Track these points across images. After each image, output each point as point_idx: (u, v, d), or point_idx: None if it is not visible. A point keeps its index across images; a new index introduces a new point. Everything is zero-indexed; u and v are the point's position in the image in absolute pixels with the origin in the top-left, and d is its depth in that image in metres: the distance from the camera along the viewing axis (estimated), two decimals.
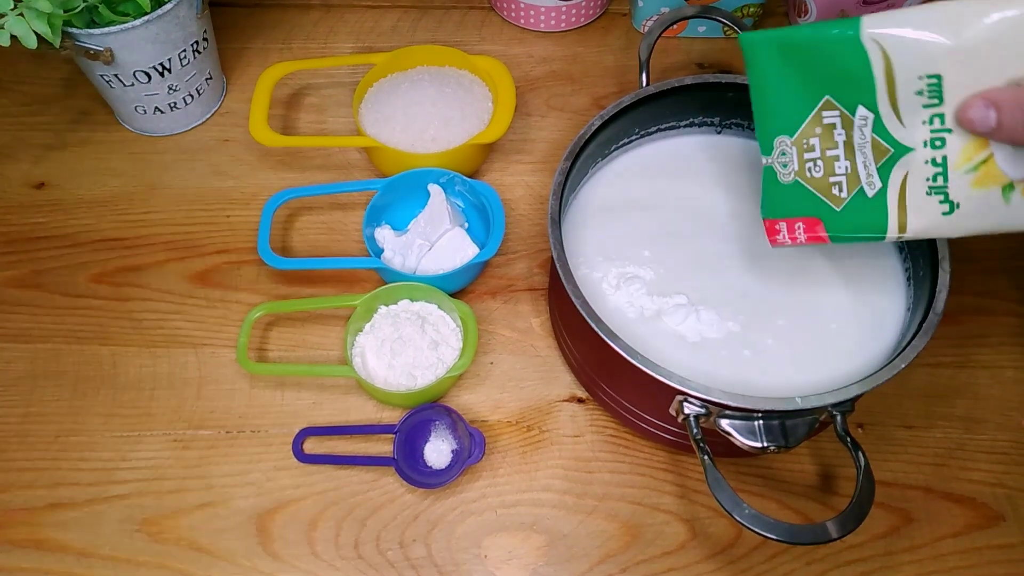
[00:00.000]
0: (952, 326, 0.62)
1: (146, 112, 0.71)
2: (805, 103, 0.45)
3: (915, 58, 0.41)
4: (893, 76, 0.42)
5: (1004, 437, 0.58)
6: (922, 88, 0.41)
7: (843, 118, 0.45)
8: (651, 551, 0.54)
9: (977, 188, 0.42)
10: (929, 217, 0.44)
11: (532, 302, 0.64)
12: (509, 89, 0.68)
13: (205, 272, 0.66)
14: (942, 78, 0.40)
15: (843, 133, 0.45)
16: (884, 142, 0.44)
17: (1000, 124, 0.38)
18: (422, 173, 0.64)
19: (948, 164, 0.42)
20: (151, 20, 0.63)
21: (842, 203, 0.46)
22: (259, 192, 0.70)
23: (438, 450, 0.56)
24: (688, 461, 0.57)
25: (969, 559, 0.54)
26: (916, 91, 0.41)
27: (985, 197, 0.42)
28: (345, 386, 0.60)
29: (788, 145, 0.47)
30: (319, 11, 0.83)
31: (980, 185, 0.42)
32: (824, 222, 0.47)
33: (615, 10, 0.83)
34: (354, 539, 0.54)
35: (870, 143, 0.44)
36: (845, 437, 0.48)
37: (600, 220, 0.58)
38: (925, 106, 0.42)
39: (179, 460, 0.57)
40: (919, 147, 0.43)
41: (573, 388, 0.60)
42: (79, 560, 0.53)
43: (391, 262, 0.62)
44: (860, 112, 0.44)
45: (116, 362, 0.61)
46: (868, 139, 0.44)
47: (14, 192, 0.70)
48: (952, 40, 0.39)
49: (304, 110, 0.76)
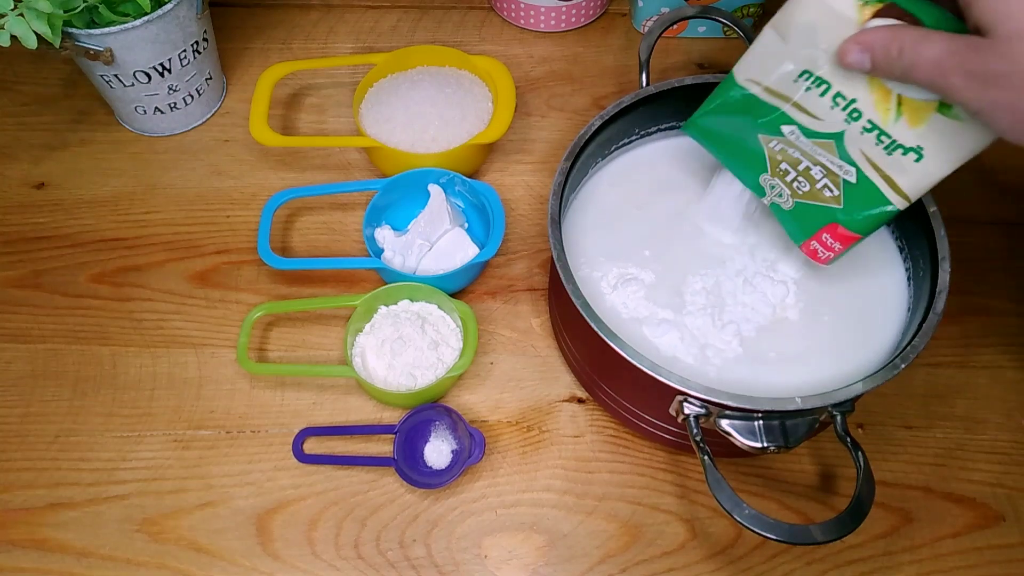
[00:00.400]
0: (952, 326, 0.62)
1: (146, 112, 0.71)
2: (754, 145, 0.50)
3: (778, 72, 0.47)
4: (779, 92, 0.47)
5: (1004, 437, 0.58)
6: (808, 85, 0.46)
7: (782, 141, 0.49)
8: (651, 551, 0.54)
9: (918, 126, 0.43)
10: (910, 171, 0.45)
11: (532, 302, 0.64)
12: (509, 89, 0.68)
13: (205, 272, 0.66)
14: (809, 71, 0.45)
15: (794, 149, 0.49)
16: (821, 138, 0.47)
17: (875, 64, 0.41)
18: (422, 173, 0.64)
19: (878, 123, 0.44)
20: (151, 20, 0.63)
21: (840, 200, 0.48)
22: (259, 192, 0.70)
23: (438, 450, 0.56)
24: (688, 461, 0.57)
25: (969, 559, 0.54)
26: (805, 89, 0.46)
27: (933, 127, 0.43)
28: (345, 386, 0.60)
29: (771, 180, 0.51)
30: (319, 11, 0.83)
31: (917, 122, 0.43)
32: (840, 222, 0.49)
33: (615, 10, 0.83)
34: (354, 539, 0.54)
35: (814, 145, 0.48)
36: (845, 437, 0.48)
37: (600, 220, 0.58)
38: (820, 95, 0.46)
39: (179, 460, 0.57)
40: (846, 126, 0.46)
41: (573, 388, 0.60)
42: (79, 560, 0.53)
43: (391, 262, 0.62)
44: (785, 130, 0.48)
45: (116, 362, 0.61)
46: (809, 144, 0.48)
47: (14, 192, 0.70)
48: (787, 45, 0.46)
49: (304, 110, 0.76)
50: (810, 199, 0.50)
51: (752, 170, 0.52)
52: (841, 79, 0.44)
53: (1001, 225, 0.68)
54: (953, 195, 0.46)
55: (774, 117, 0.48)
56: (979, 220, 0.68)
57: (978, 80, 0.37)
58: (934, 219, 0.52)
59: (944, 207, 0.52)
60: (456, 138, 0.67)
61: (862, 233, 0.49)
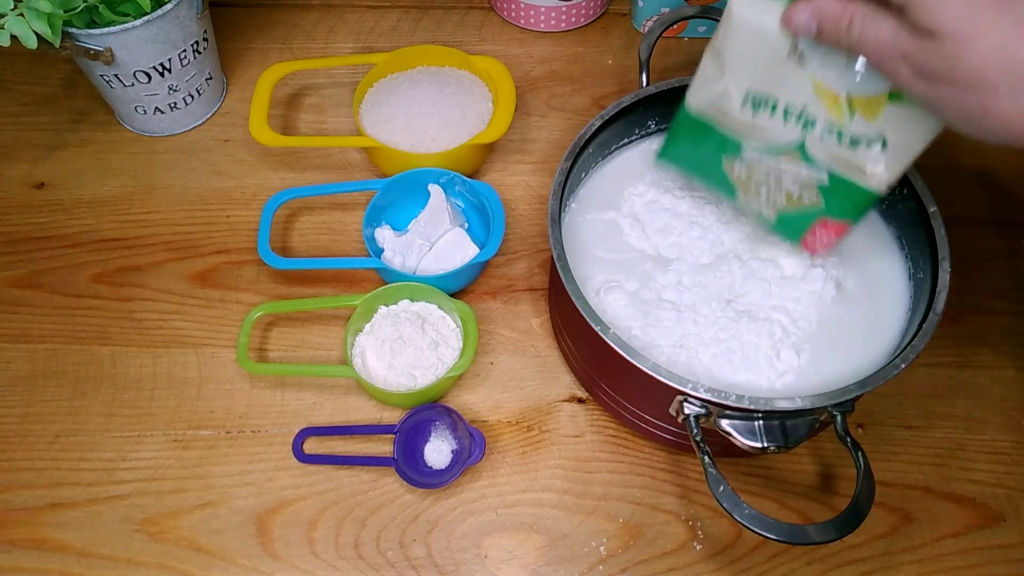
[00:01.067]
0: (952, 326, 0.62)
1: (146, 112, 0.71)
2: (722, 168, 0.51)
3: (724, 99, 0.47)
4: (730, 116, 0.48)
5: (1004, 437, 0.58)
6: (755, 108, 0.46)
7: (747, 162, 0.50)
8: (651, 551, 0.54)
9: (874, 119, 0.43)
10: (880, 158, 0.45)
11: (532, 302, 0.64)
12: (509, 89, 0.68)
13: (205, 272, 0.66)
14: (752, 93, 0.46)
15: (761, 168, 0.50)
16: (784, 152, 0.47)
17: (821, 30, 0.41)
18: (422, 173, 0.64)
19: (837, 125, 0.45)
20: (151, 20, 0.63)
21: (820, 200, 0.49)
22: (259, 192, 0.70)
23: (438, 450, 0.56)
24: (688, 461, 0.57)
25: (969, 559, 0.54)
26: (753, 112, 0.47)
27: (890, 116, 0.43)
28: (345, 386, 0.60)
29: (747, 199, 0.52)
30: (319, 11, 0.83)
31: (873, 116, 0.43)
32: (828, 216, 0.49)
33: (615, 10, 0.83)
34: (354, 539, 0.54)
35: (779, 159, 0.48)
36: (845, 437, 0.48)
37: (600, 220, 0.58)
38: (771, 115, 0.46)
39: (179, 460, 0.57)
40: (805, 134, 0.46)
41: (573, 388, 0.60)
42: (79, 560, 0.53)
43: (391, 262, 0.62)
44: (747, 151, 0.49)
45: (116, 362, 0.61)
46: (773, 160, 0.49)
47: (14, 192, 0.70)
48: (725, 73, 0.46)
49: (304, 110, 0.76)
50: (791, 207, 0.51)
51: (730, 191, 0.53)
52: (787, 91, 0.44)
53: (1001, 225, 0.68)
54: (953, 195, 0.47)
55: (732, 141, 0.49)
56: (979, 220, 0.68)
57: (922, 75, 0.37)
58: (934, 219, 0.52)
59: (944, 207, 0.52)
60: (456, 138, 0.67)
61: (852, 219, 0.49)
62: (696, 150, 0.52)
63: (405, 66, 0.72)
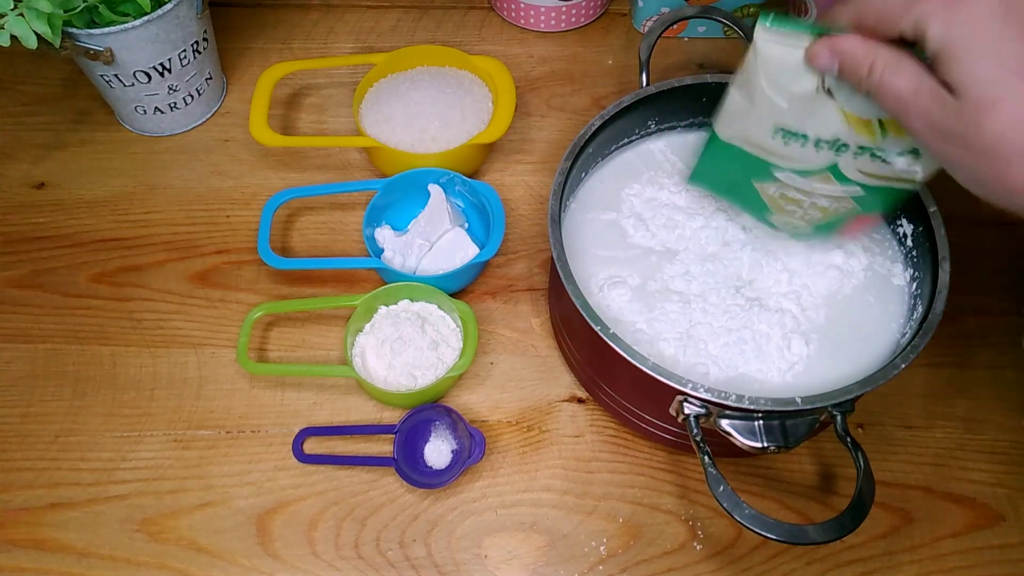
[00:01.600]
0: (952, 326, 0.62)
1: (146, 112, 0.71)
2: (754, 190, 0.51)
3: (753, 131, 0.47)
4: (760, 146, 0.47)
5: (1004, 437, 0.58)
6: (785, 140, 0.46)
7: (780, 185, 0.49)
8: (651, 551, 0.54)
9: (905, 134, 0.42)
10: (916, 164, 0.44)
11: (532, 302, 0.64)
12: (509, 89, 0.68)
13: (205, 272, 0.66)
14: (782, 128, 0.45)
15: (794, 190, 0.49)
16: (817, 174, 0.47)
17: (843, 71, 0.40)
18: (422, 173, 0.64)
19: (869, 146, 0.44)
20: (151, 20, 0.63)
21: (855, 208, 0.49)
22: (259, 192, 0.70)
23: (438, 450, 0.56)
24: (688, 461, 0.57)
25: (969, 559, 0.54)
26: (783, 143, 0.46)
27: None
28: (345, 386, 0.60)
29: (780, 219, 0.52)
30: (319, 11, 0.83)
31: (903, 131, 0.42)
32: (863, 213, 0.50)
33: (615, 10, 0.83)
34: (354, 539, 0.54)
35: (811, 181, 0.47)
36: (845, 437, 0.48)
37: (601, 219, 0.58)
38: (801, 146, 0.45)
39: (179, 460, 0.57)
40: (837, 158, 0.45)
41: (573, 388, 0.60)
42: (79, 560, 0.53)
43: (391, 262, 0.62)
44: (779, 175, 0.48)
45: (116, 362, 0.61)
46: (806, 181, 0.48)
47: (14, 192, 0.70)
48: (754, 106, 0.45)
49: (304, 110, 0.76)
50: (825, 219, 0.51)
51: (761, 211, 0.53)
52: (818, 123, 0.44)
53: (1001, 225, 0.68)
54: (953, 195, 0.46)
55: (764, 166, 0.48)
56: (979, 220, 0.68)
57: (938, 133, 0.36)
58: (934, 219, 0.52)
59: (944, 207, 0.52)
60: (456, 138, 0.67)
61: (887, 212, 0.50)
62: (727, 173, 0.52)
63: (405, 66, 0.72)
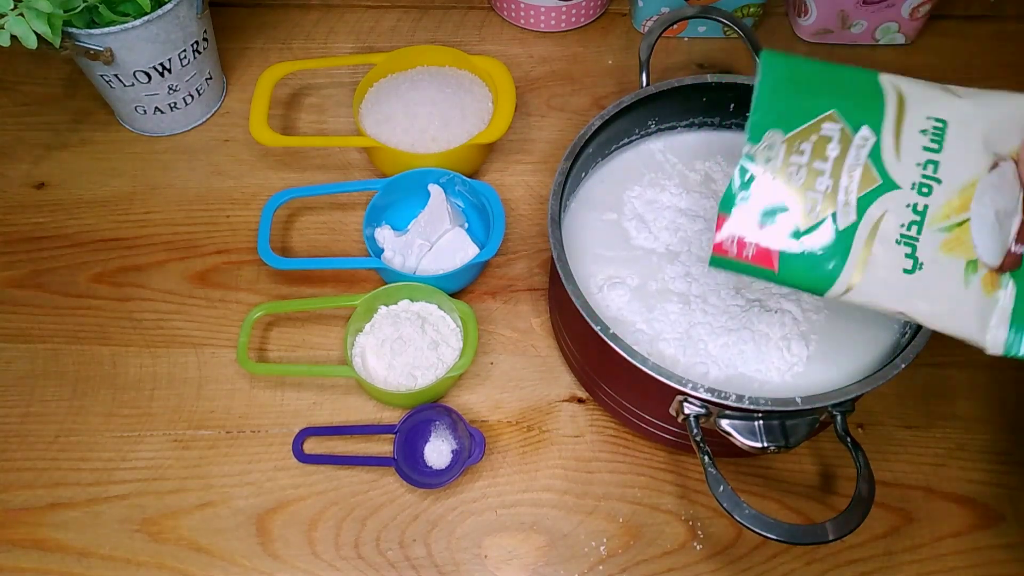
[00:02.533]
0: None
1: (146, 112, 0.71)
2: (809, 108, 0.44)
3: (927, 99, 0.43)
4: (904, 108, 0.43)
5: (1004, 437, 0.58)
6: (927, 128, 0.43)
7: (842, 134, 0.44)
8: (651, 551, 0.54)
9: (945, 252, 0.41)
10: (888, 271, 0.42)
11: (532, 302, 0.64)
12: (509, 89, 0.68)
13: (205, 272, 0.66)
14: (947, 125, 0.43)
15: (837, 148, 0.44)
16: (875, 170, 0.43)
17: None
18: (422, 173, 0.64)
19: (927, 215, 0.42)
20: (151, 20, 0.63)
21: (810, 223, 0.43)
22: (259, 192, 0.70)
23: (438, 450, 0.56)
24: (688, 461, 0.57)
25: (969, 559, 0.54)
26: (920, 129, 0.43)
27: (948, 268, 0.41)
28: (345, 386, 0.60)
29: (779, 141, 0.44)
30: (319, 11, 0.83)
31: (949, 250, 0.41)
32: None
33: (615, 10, 0.83)
34: (354, 539, 0.54)
35: (862, 167, 0.43)
36: (845, 437, 0.48)
37: (601, 220, 0.58)
38: (924, 148, 0.43)
39: (179, 460, 0.57)
40: (906, 187, 0.43)
41: (573, 388, 0.60)
42: (79, 560, 0.53)
43: (391, 262, 0.62)
44: (863, 132, 0.43)
45: (116, 362, 0.61)
46: (861, 162, 0.43)
47: (14, 192, 0.70)
48: (962, 96, 0.43)
49: (304, 110, 0.76)
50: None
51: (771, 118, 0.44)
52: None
53: None
54: None
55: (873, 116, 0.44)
56: None
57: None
58: None
59: None
60: (456, 138, 0.67)
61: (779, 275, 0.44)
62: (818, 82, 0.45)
63: (405, 66, 0.72)
